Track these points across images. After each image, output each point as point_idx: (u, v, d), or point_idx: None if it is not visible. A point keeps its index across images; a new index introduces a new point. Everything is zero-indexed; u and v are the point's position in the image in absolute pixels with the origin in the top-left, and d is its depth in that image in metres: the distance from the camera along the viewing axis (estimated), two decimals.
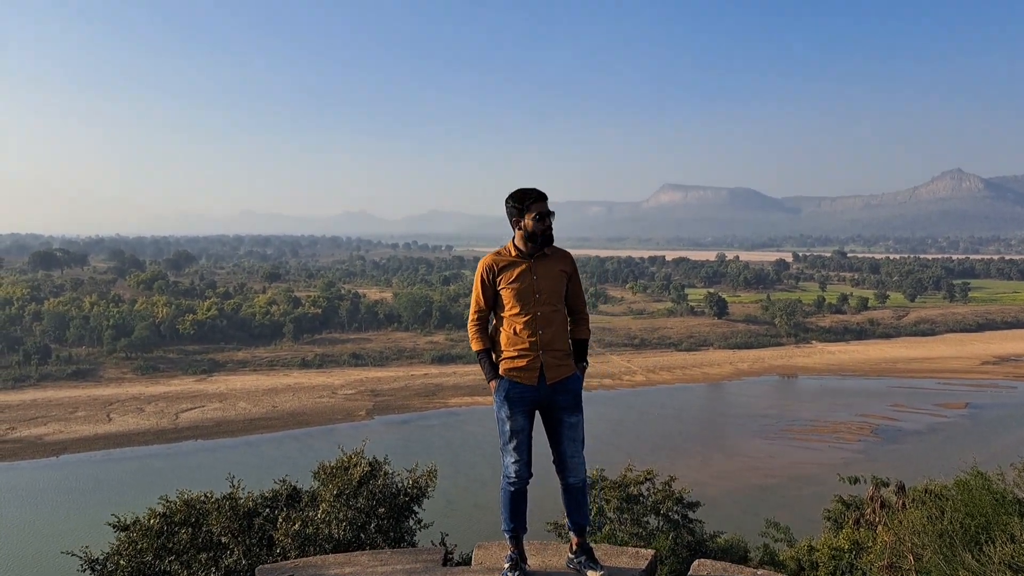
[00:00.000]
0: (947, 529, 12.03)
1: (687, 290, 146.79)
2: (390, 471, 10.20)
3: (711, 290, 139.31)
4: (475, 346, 4.28)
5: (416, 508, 10.23)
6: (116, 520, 8.29)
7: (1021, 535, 11.06)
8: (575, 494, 4.39)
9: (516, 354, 4.17)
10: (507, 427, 4.19)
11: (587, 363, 4.51)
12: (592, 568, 4.16)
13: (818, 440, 58.21)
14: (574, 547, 4.32)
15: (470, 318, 4.33)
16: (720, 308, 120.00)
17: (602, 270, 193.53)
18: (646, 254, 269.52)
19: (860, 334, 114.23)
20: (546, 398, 4.21)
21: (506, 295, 4.20)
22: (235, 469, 10.16)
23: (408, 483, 10.13)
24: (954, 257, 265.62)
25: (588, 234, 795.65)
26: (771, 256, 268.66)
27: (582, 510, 4.41)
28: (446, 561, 4.14)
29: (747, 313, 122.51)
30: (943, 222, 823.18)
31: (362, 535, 9.47)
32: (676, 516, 20.41)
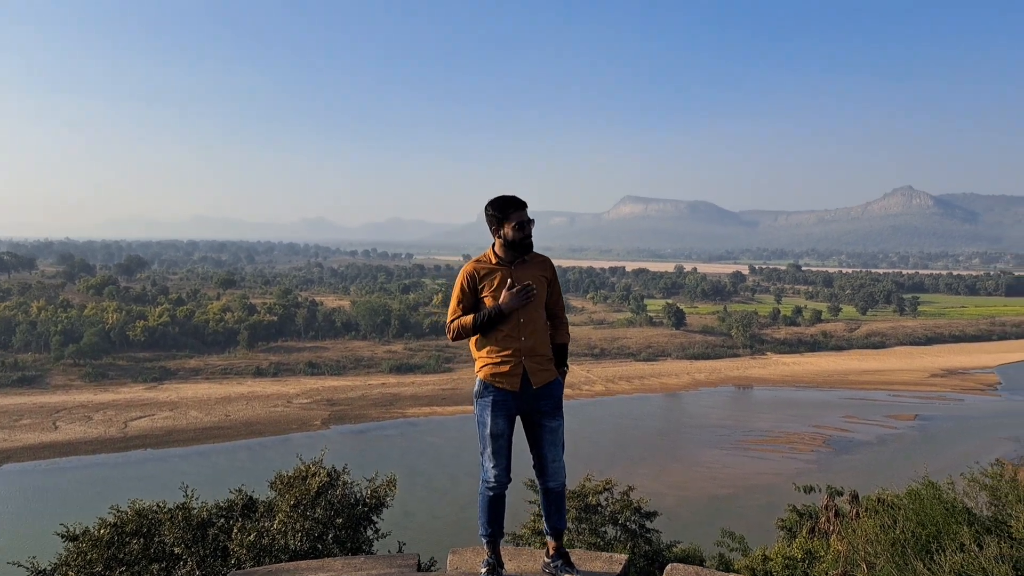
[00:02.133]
0: (899, 538, 12.27)
1: (646, 301, 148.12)
2: (349, 481, 10.07)
3: (670, 301, 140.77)
4: (466, 321, 4.25)
5: (375, 518, 10.12)
6: (65, 530, 8.05)
7: (970, 544, 11.32)
8: (555, 498, 4.41)
9: (499, 360, 4.20)
10: (488, 431, 4.22)
11: (567, 367, 4.55)
12: (569, 572, 4.15)
13: (772, 450, 59.03)
14: (551, 551, 4.31)
15: (448, 322, 4.31)
16: (678, 319, 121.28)
17: (563, 280, 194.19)
18: (607, 264, 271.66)
19: (814, 346, 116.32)
20: (528, 403, 4.25)
21: (488, 302, 4.21)
22: (186, 479, 9.94)
23: (367, 493, 10.02)
24: (904, 272, 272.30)
25: (550, 244, 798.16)
26: (728, 268, 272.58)
27: (561, 514, 4.43)
28: (420, 567, 4.08)
29: (704, 324, 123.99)
30: (894, 237, 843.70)
31: (319, 546, 9.32)
32: (634, 526, 20.51)
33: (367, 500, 9.97)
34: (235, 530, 8.97)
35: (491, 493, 4.31)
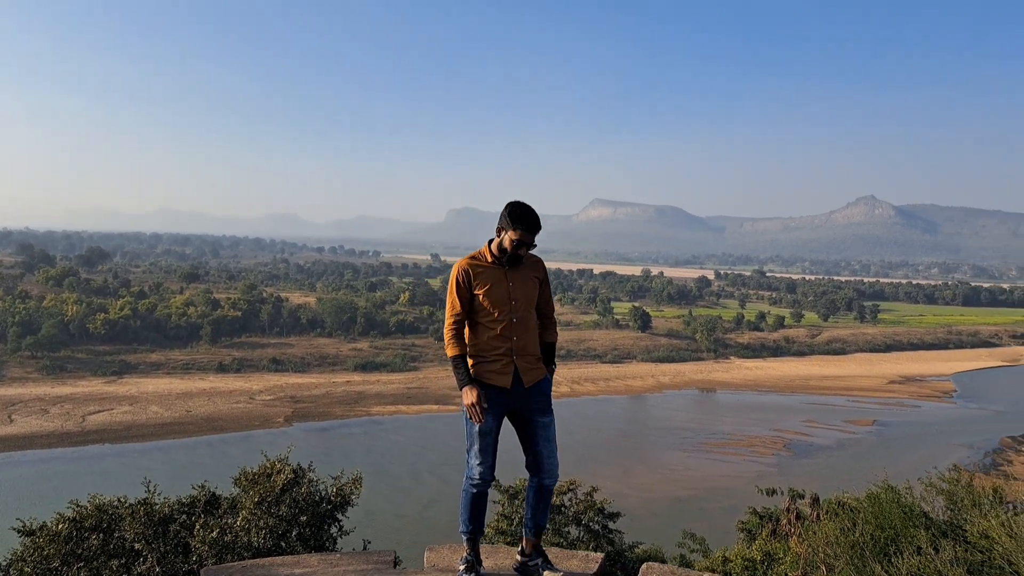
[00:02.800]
0: (858, 540, 12.50)
1: (613, 303, 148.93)
2: (314, 479, 10.01)
3: (636, 304, 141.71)
4: (451, 351, 4.22)
5: (340, 516, 10.06)
6: (21, 525, 7.89)
7: (927, 547, 11.57)
8: (546, 495, 4.44)
9: (491, 358, 4.21)
10: (476, 429, 4.20)
11: (555, 365, 4.58)
12: (550, 569, 4.15)
13: (734, 453, 59.74)
14: (528, 549, 4.30)
15: (447, 323, 4.27)
16: (644, 322, 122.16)
17: None
18: (575, 267, 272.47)
19: (776, 351, 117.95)
20: (519, 401, 4.27)
21: (482, 301, 4.21)
22: (146, 475, 9.78)
23: (332, 491, 9.96)
24: (865, 280, 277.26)
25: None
26: (694, 273, 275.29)
27: (546, 512, 4.45)
28: (396, 564, 4.06)
29: (670, 328, 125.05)
30: (856, 246, 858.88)
31: (283, 543, 9.25)
32: (597, 526, 20.63)
33: (332, 498, 9.91)
34: (197, 527, 8.86)
35: (475, 490, 4.31)
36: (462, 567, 4.14)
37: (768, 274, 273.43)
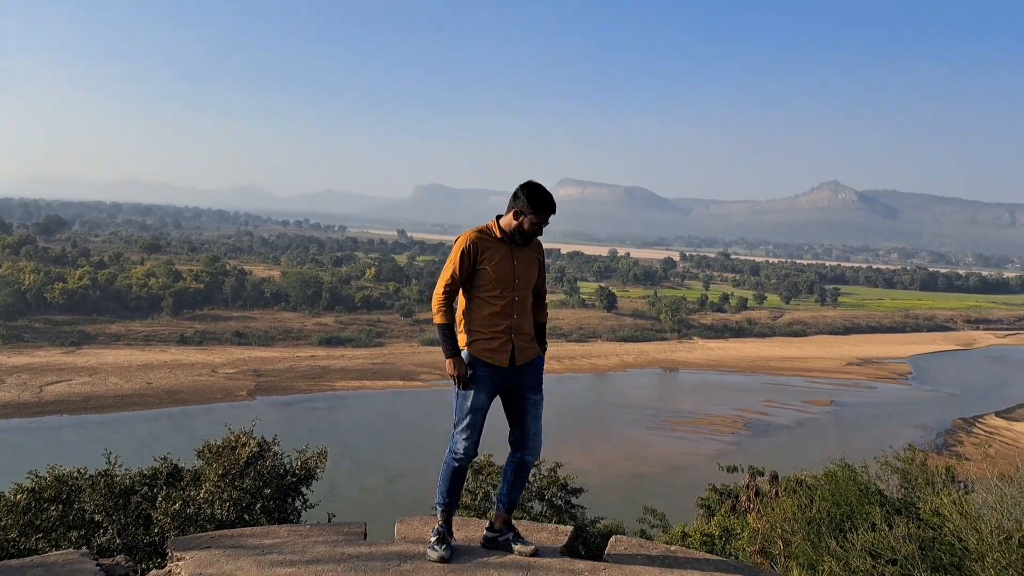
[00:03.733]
0: (815, 517, 12.76)
1: (579, 283, 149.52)
2: (279, 452, 9.97)
3: (602, 284, 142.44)
4: (441, 319, 4.19)
5: (304, 489, 10.05)
6: None
7: (881, 524, 11.85)
8: (525, 472, 4.46)
9: (489, 336, 4.20)
10: (468, 404, 4.20)
11: (547, 344, 4.60)
12: (522, 543, 4.16)
13: (695, 432, 60.63)
14: (499, 524, 4.29)
15: (439, 289, 4.21)
16: (610, 302, 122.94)
17: None
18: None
19: (738, 332, 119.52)
20: (514, 379, 4.28)
21: (486, 276, 4.19)
22: (106, 446, 9.66)
23: (297, 465, 9.93)
24: (827, 263, 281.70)
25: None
26: (660, 254, 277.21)
27: (522, 488, 4.48)
28: (366, 536, 4.06)
29: (635, 308, 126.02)
30: (819, 230, 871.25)
31: (246, 516, 9.22)
32: (560, 502, 20.88)
33: (297, 471, 9.89)
34: (160, 499, 8.81)
35: (457, 465, 4.29)
36: (434, 538, 4.13)
37: (732, 256, 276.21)
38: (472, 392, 4.24)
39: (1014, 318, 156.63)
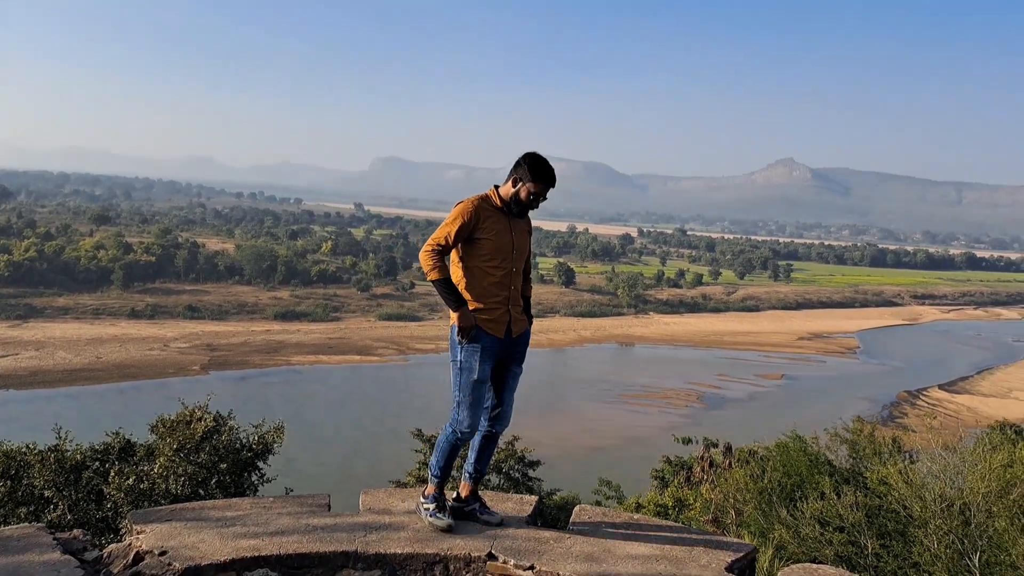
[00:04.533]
0: (767, 487, 13.11)
1: (538, 259, 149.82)
2: (235, 427, 9.89)
3: (561, 260, 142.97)
4: (436, 275, 4.06)
5: (260, 464, 10.00)
6: None
7: (830, 493, 12.22)
8: (495, 443, 4.46)
9: (491, 305, 4.15)
10: (475, 376, 4.09)
11: (532, 318, 4.63)
12: (488, 514, 4.17)
13: (650, 405, 61.48)
14: (465, 494, 4.29)
15: (429, 248, 4.07)
16: (568, 277, 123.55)
17: None
18: None
19: (694, 307, 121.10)
20: (506, 350, 4.27)
21: (486, 245, 4.12)
22: (56, 421, 9.46)
23: (254, 439, 9.87)
24: (781, 240, 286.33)
25: (445, 198, 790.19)
26: (618, 230, 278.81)
27: (490, 459, 4.49)
28: (331, 508, 4.04)
29: (593, 284, 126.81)
30: (774, 207, 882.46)
31: (201, 491, 9.15)
32: (517, 474, 21.10)
33: (254, 446, 9.83)
34: (112, 474, 8.69)
35: (460, 439, 4.20)
36: (432, 506, 4.04)
37: (689, 233, 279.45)
38: (478, 366, 4.12)
39: (958, 294, 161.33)
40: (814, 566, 3.79)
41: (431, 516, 4.07)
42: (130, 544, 3.37)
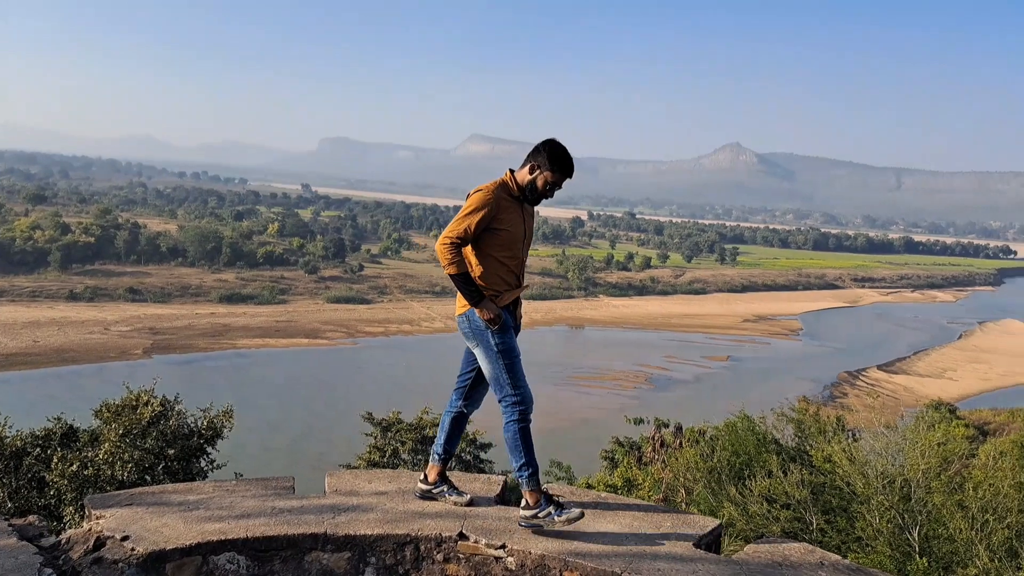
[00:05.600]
0: (716, 466, 13.39)
1: None
2: (183, 411, 9.70)
3: None
4: (454, 270, 3.93)
5: (210, 449, 9.84)
6: None
7: (777, 471, 12.53)
8: (464, 423, 4.39)
9: (511, 285, 4.07)
10: (517, 353, 4.02)
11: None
12: (457, 494, 4.11)
13: (600, 387, 62.15)
14: (433, 477, 4.21)
15: (448, 240, 3.93)
16: None
17: (407, 216, 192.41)
18: (452, 203, 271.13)
19: (642, 290, 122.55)
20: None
21: (502, 235, 3.99)
22: None
23: (202, 424, 9.70)
24: (727, 224, 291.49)
25: (395, 179, 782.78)
26: (569, 213, 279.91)
27: (459, 440, 4.42)
28: (295, 491, 3.97)
29: (543, 267, 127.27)
30: (721, 191, 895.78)
31: (148, 477, 8.97)
32: (469, 457, 21.20)
33: (203, 431, 9.66)
34: (55, 460, 8.47)
35: (528, 422, 4.08)
36: (551, 508, 3.77)
37: (638, 216, 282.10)
38: (513, 342, 4.05)
39: (896, 277, 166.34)
40: (782, 541, 3.87)
41: (557, 516, 3.74)
42: (90, 529, 3.27)
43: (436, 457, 4.28)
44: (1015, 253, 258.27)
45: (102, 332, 69.58)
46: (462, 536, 3.55)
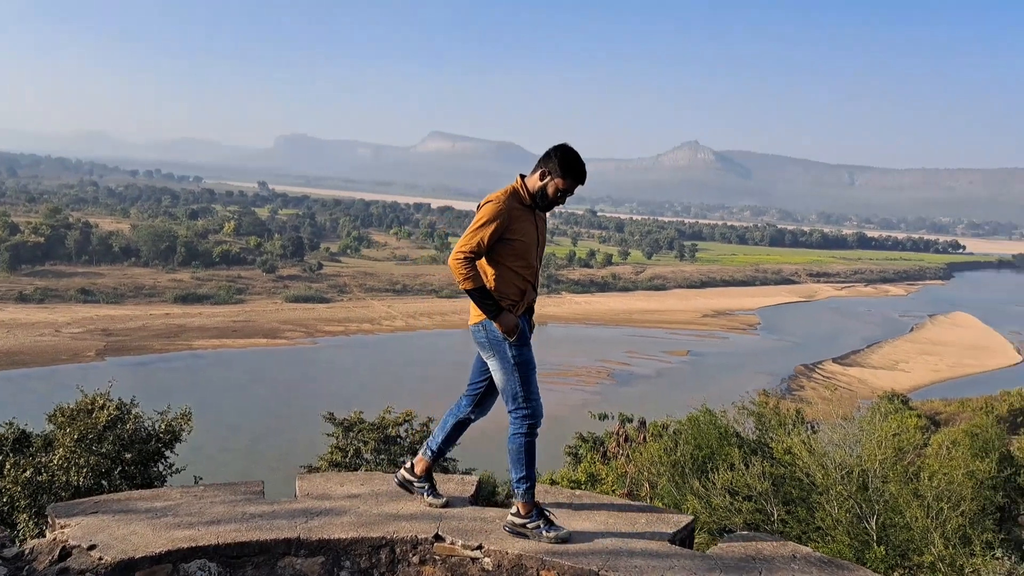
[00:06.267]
0: (679, 460, 13.54)
1: (450, 238, 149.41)
2: (140, 414, 9.53)
3: None
4: (470, 285, 3.81)
5: (168, 453, 9.68)
6: None
7: (739, 463, 12.70)
8: (464, 429, 4.32)
9: (513, 301, 3.95)
10: (533, 366, 3.98)
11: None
12: (434, 496, 4.05)
13: (562, 383, 62.35)
14: (420, 470, 4.15)
15: (464, 255, 3.82)
16: None
17: (367, 214, 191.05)
18: (412, 200, 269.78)
19: (604, 287, 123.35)
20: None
21: (516, 245, 3.89)
22: None
23: (160, 427, 9.53)
24: (687, 221, 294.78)
25: (354, 175, 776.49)
26: None
27: (453, 444, 4.37)
28: (264, 495, 3.89)
29: None
30: (680, 188, 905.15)
31: (104, 482, 8.81)
32: None
33: (161, 435, 9.49)
34: (7, 466, 8.28)
35: (535, 435, 4.04)
36: (540, 522, 3.75)
37: (599, 213, 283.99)
38: (530, 354, 3.99)
39: (850, 271, 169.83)
40: (755, 535, 3.92)
41: (546, 531, 3.70)
42: (55, 539, 3.17)
43: (428, 452, 4.21)
44: (964, 248, 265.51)
45: (53, 334, 67.96)
46: (438, 538, 3.53)
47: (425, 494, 4.07)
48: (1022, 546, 12.06)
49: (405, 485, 4.13)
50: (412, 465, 4.20)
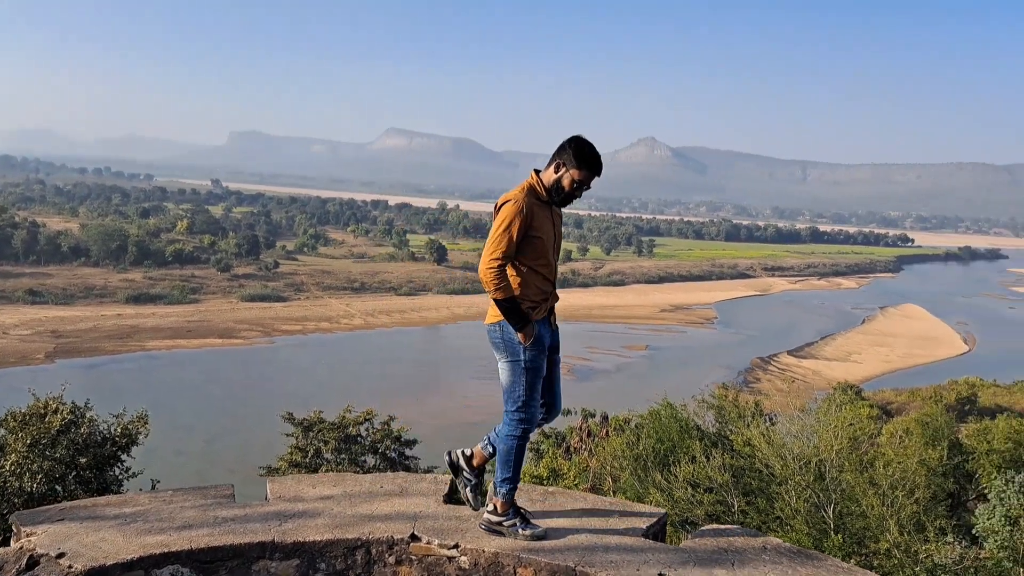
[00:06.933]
0: (642, 453, 13.69)
1: (409, 236, 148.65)
2: (95, 418, 9.36)
3: (432, 237, 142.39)
4: (501, 295, 3.75)
5: (124, 457, 9.52)
6: None
7: (700, 456, 12.87)
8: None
9: (536, 302, 3.89)
10: (543, 373, 3.90)
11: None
12: (476, 496, 4.00)
13: None
14: (477, 463, 3.99)
15: (493, 262, 3.76)
16: (440, 255, 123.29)
17: (323, 211, 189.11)
18: (369, 197, 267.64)
19: (563, 283, 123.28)
20: (552, 338, 4.02)
21: (537, 244, 3.82)
22: None
23: (116, 431, 9.37)
24: (644, 217, 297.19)
25: (310, 173, 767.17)
26: (489, 207, 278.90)
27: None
28: (235, 498, 3.83)
29: (465, 260, 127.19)
30: (637, 184, 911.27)
31: (58, 488, 8.64)
32: (393, 454, 20.99)
33: (117, 439, 9.32)
34: None
35: (527, 439, 3.95)
36: (516, 520, 3.74)
37: None
38: (543, 363, 3.91)
39: (804, 265, 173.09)
40: (726, 528, 3.98)
41: (522, 529, 3.72)
42: (21, 547, 3.08)
43: (491, 447, 4.15)
44: (912, 241, 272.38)
45: (0, 336, 66.13)
46: (414, 537, 3.52)
47: (469, 490, 4.02)
48: (972, 531, 12.44)
49: (454, 470, 4.10)
50: (471, 456, 4.14)
